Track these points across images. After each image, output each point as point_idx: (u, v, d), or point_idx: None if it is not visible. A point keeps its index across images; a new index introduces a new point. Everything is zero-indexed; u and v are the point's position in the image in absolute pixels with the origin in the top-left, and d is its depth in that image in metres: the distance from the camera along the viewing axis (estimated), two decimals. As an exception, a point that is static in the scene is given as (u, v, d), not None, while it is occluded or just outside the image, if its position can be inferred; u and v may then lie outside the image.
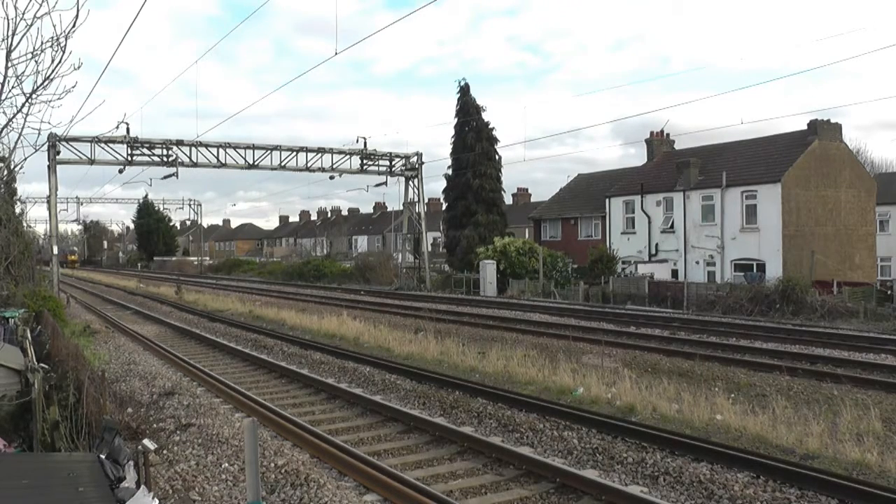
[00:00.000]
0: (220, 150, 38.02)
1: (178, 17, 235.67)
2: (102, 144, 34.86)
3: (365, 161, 42.11)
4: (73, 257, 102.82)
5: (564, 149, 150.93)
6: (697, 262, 36.39)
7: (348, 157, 41.31)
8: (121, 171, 36.61)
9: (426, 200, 51.74)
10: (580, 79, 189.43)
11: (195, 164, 37.51)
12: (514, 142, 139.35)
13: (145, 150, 36.32)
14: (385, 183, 44.72)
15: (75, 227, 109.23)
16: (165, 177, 38.38)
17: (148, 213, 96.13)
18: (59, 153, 34.04)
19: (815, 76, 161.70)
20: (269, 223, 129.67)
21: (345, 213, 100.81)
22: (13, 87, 6.63)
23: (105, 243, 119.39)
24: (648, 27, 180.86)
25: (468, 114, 46.18)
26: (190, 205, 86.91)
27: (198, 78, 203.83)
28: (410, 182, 44.77)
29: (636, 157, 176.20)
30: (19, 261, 22.08)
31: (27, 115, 6.94)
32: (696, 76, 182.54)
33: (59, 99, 6.78)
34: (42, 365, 9.18)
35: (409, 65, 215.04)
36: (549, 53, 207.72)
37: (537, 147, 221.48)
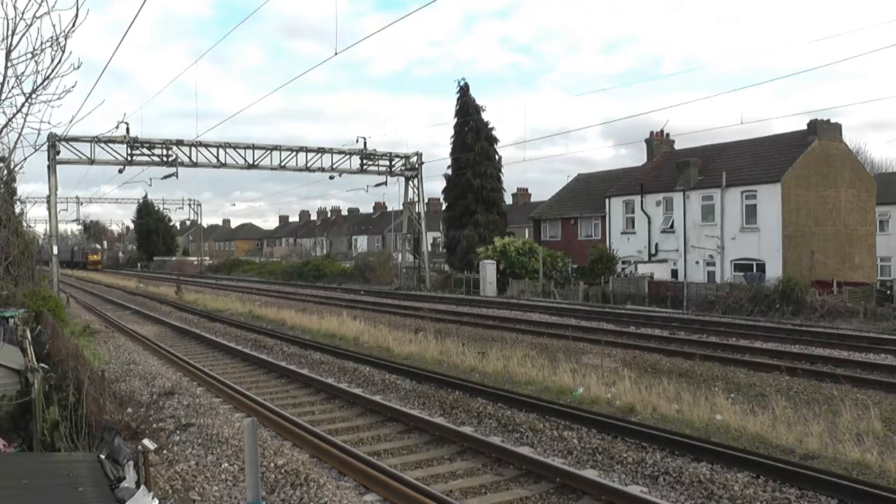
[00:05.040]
0: (220, 150, 38.02)
1: (168, 19, 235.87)
2: (102, 144, 34.84)
3: (365, 161, 42.10)
4: (94, 257, 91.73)
5: (556, 149, 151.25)
6: (697, 262, 36.39)
7: (348, 157, 41.30)
8: (121, 171, 36.62)
9: (426, 200, 51.72)
10: (573, 80, 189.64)
11: (195, 164, 37.51)
12: (509, 142, 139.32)
13: (145, 150, 36.30)
14: (385, 183, 44.78)
15: (75, 227, 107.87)
16: (165, 177, 38.37)
17: (148, 213, 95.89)
18: (58, 153, 34.02)
19: (808, 77, 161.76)
20: (268, 223, 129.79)
21: (344, 213, 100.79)
22: (13, 87, 6.65)
23: (105, 243, 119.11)
24: (641, 28, 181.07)
25: (468, 114, 46.17)
26: (190, 205, 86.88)
27: (197, 79, 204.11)
28: (410, 182, 44.75)
29: (628, 157, 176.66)
30: (19, 261, 22.10)
31: (27, 115, 6.96)
32: (690, 77, 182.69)
33: (58, 99, 6.79)
34: (42, 365, 9.19)
35: (403, 66, 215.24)
36: (541, 54, 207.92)
37: (530, 148, 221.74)
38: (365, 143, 41.52)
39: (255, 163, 38.79)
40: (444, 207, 51.91)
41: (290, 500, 7.16)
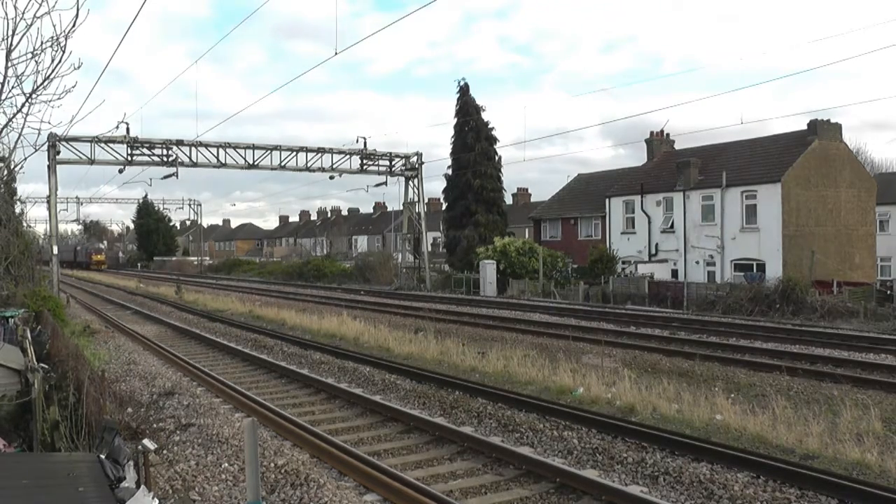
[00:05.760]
0: (220, 150, 38.05)
1: (167, 19, 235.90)
2: (102, 144, 34.87)
3: (365, 161, 42.12)
4: (99, 257, 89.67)
5: (556, 149, 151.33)
6: (697, 262, 36.39)
7: (348, 157, 41.32)
8: (121, 171, 36.66)
9: (426, 200, 51.74)
10: (572, 80, 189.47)
11: (195, 164, 37.53)
12: (509, 142, 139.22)
13: (145, 150, 36.33)
14: (385, 183, 44.83)
15: (75, 227, 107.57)
16: (165, 177, 38.42)
17: (148, 213, 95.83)
18: (59, 153, 34.04)
19: (808, 77, 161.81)
20: (268, 223, 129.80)
21: (344, 213, 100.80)
22: (13, 87, 6.64)
23: (105, 243, 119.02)
24: (641, 28, 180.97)
25: (468, 114, 46.19)
26: (190, 205, 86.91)
27: (198, 79, 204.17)
28: (410, 182, 44.77)
29: (628, 157, 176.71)
30: (19, 261, 22.11)
31: (27, 115, 6.95)
32: (690, 77, 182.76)
33: (59, 99, 6.79)
34: (42, 365, 9.19)
35: (402, 66, 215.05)
36: (540, 54, 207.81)
37: (530, 148, 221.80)
38: (365, 144, 41.57)
39: (255, 163, 38.82)
40: (444, 207, 51.93)
41: (290, 500, 7.16)
